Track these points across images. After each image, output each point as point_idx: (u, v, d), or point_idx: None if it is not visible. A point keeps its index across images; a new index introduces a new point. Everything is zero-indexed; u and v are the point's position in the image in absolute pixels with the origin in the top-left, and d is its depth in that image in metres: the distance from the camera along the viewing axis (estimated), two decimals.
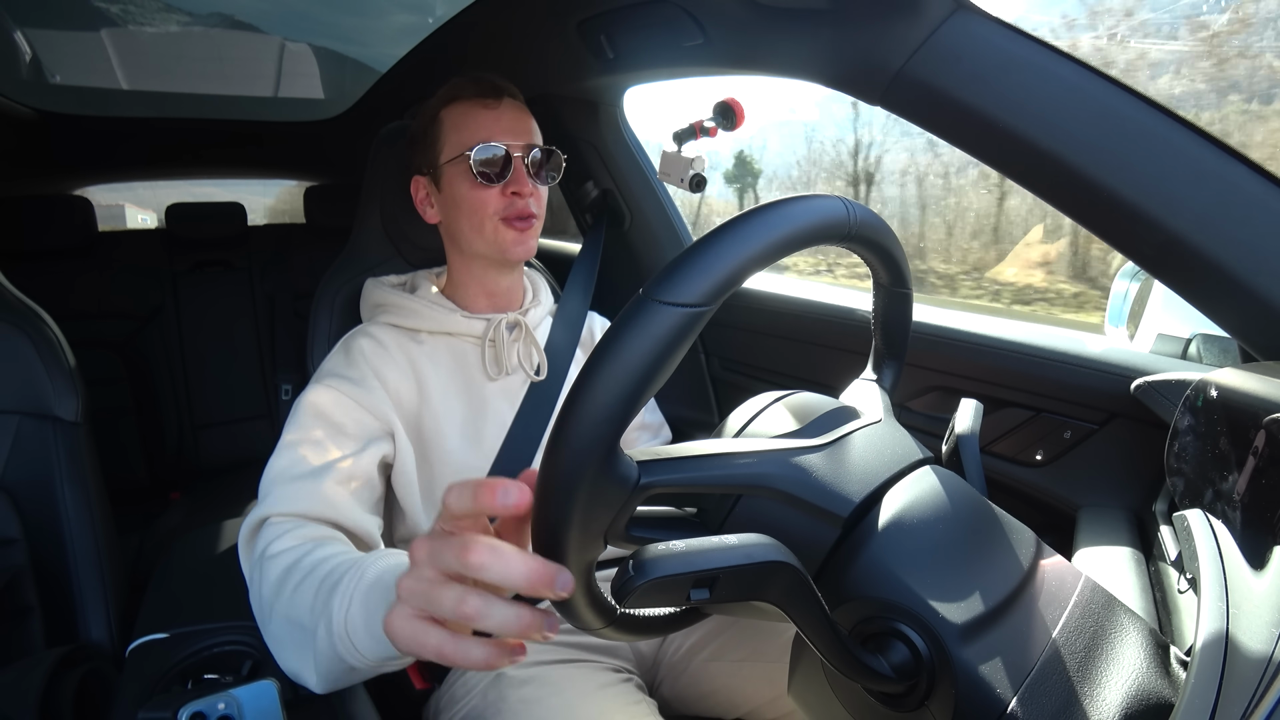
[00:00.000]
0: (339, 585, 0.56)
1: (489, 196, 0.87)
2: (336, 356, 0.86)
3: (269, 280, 2.19)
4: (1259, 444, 0.48)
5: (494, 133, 0.87)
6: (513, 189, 0.87)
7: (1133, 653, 0.42)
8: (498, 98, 0.89)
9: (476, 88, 0.89)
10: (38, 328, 0.96)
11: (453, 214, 0.90)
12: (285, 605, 0.60)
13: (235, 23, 1.65)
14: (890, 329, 0.61)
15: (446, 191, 0.90)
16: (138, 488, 1.99)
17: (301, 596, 0.59)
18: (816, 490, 0.45)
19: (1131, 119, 0.62)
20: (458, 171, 0.87)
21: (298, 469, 0.73)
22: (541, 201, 0.91)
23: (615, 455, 0.37)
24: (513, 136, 0.88)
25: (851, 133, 5.93)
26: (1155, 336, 0.88)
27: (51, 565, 0.91)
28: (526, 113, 0.91)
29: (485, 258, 0.91)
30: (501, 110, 0.89)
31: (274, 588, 0.62)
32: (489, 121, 0.87)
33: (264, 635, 0.65)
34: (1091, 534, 0.76)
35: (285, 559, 0.64)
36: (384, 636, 0.50)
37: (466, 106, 0.88)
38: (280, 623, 0.61)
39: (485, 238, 0.89)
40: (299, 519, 0.70)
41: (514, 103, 0.90)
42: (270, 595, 0.62)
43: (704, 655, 0.90)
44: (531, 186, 0.88)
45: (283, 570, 0.63)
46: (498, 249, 0.89)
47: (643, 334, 0.36)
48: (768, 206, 0.41)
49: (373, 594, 0.53)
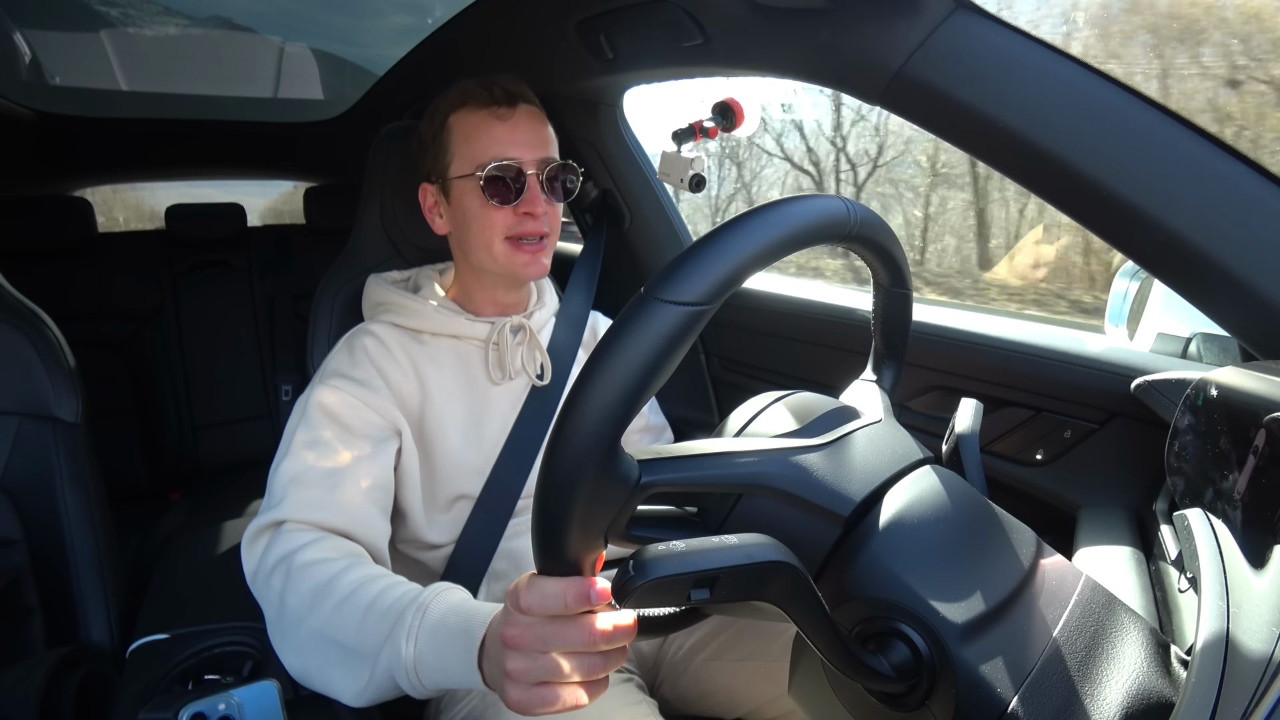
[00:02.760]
0: (401, 621, 0.60)
1: (499, 217, 0.83)
2: (340, 355, 0.86)
3: (269, 281, 2.19)
4: (1259, 443, 0.48)
5: (507, 147, 0.83)
6: (525, 209, 0.83)
7: (1133, 652, 0.42)
8: (511, 105, 0.84)
9: (489, 94, 0.84)
10: (38, 329, 0.96)
11: (462, 229, 0.87)
12: (321, 622, 0.63)
13: (234, 25, 1.65)
14: (890, 329, 0.61)
15: (456, 205, 0.87)
16: (138, 488, 1.99)
17: (346, 617, 0.62)
18: (817, 489, 0.45)
19: (1131, 118, 0.61)
20: (467, 188, 0.84)
21: (313, 473, 0.73)
22: (556, 218, 0.88)
23: (616, 453, 0.37)
24: (527, 150, 0.84)
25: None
26: (1155, 336, 0.88)
27: (52, 566, 0.91)
28: (543, 120, 0.87)
29: (495, 274, 0.89)
30: (516, 121, 0.84)
31: (305, 601, 0.64)
32: (502, 135, 0.83)
33: (279, 639, 0.66)
34: (1092, 533, 0.76)
35: (319, 572, 0.65)
36: (449, 673, 0.57)
37: (478, 116, 0.84)
38: (312, 637, 0.63)
39: (495, 258, 0.85)
40: (318, 529, 0.71)
41: (530, 110, 0.86)
42: (301, 607, 0.64)
43: (704, 655, 0.90)
44: (545, 205, 0.84)
45: (318, 584, 0.64)
46: (509, 270, 0.86)
47: (645, 332, 0.36)
48: (769, 206, 0.41)
49: (440, 635, 0.58)
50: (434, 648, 0.57)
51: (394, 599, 0.62)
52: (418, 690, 0.59)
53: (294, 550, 0.68)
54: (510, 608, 0.46)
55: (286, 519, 0.70)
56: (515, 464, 0.88)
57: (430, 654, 0.58)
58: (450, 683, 0.57)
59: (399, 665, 0.59)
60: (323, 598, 0.64)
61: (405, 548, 0.89)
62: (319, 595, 0.64)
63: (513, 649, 0.46)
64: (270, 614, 0.67)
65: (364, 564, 0.68)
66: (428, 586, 0.63)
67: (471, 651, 0.55)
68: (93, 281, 1.96)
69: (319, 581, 0.65)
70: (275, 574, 0.67)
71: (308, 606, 0.64)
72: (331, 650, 0.62)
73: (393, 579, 0.66)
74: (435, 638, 0.58)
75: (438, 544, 0.87)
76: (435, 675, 0.58)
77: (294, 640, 0.65)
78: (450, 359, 0.89)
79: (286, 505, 0.71)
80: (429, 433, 0.86)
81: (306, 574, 0.65)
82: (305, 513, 0.71)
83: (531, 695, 0.46)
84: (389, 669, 0.59)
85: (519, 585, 0.44)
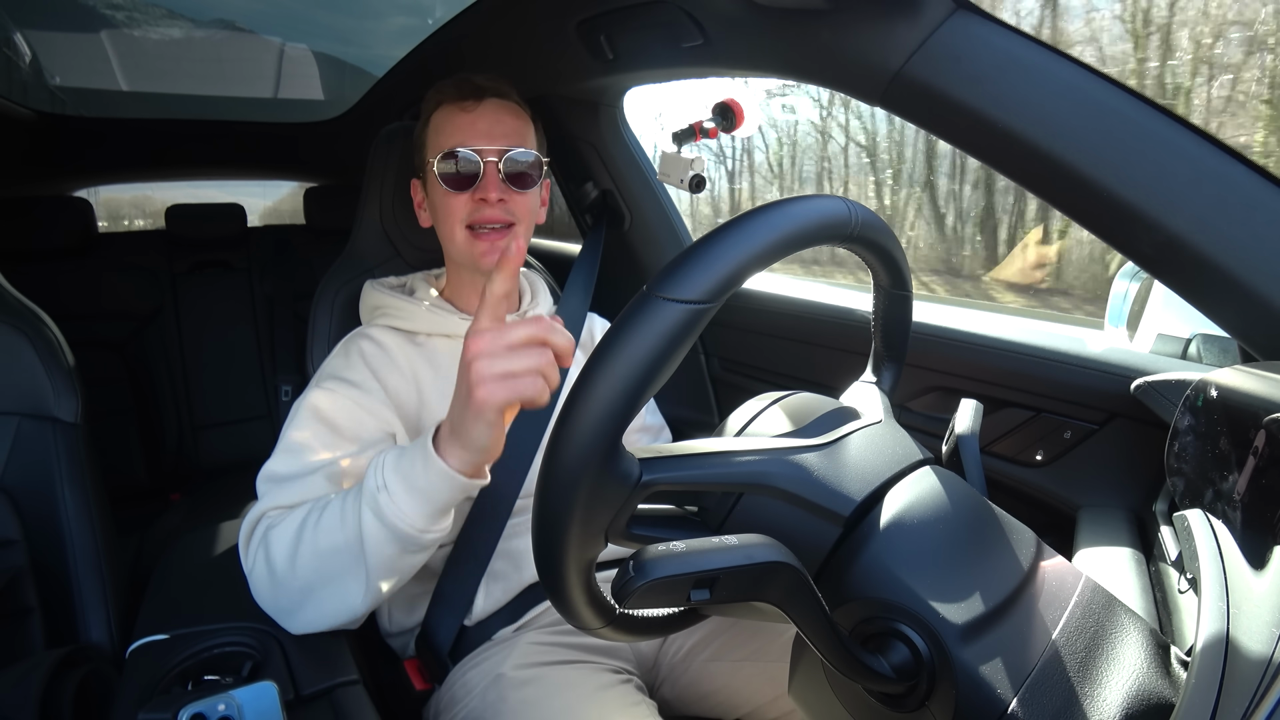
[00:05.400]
0: (366, 480, 0.65)
1: (458, 204, 0.86)
2: (336, 359, 0.87)
3: (268, 281, 2.19)
4: (1259, 444, 0.48)
5: (468, 137, 0.85)
6: (480, 195, 0.85)
7: (1133, 653, 0.42)
8: (478, 99, 0.87)
9: (457, 90, 0.88)
10: (38, 329, 0.96)
11: (436, 220, 0.91)
12: (309, 549, 0.66)
13: (235, 27, 1.65)
14: (890, 331, 0.61)
15: (430, 197, 0.91)
16: (138, 489, 1.99)
17: (326, 526, 0.66)
18: (817, 489, 0.45)
19: (1131, 119, 0.62)
20: (433, 177, 0.87)
21: (293, 468, 0.75)
22: (522, 207, 0.88)
23: (617, 452, 0.37)
24: (487, 140, 0.86)
25: None
26: (1155, 336, 0.88)
27: (51, 566, 0.90)
28: (510, 112, 0.89)
29: (467, 268, 0.91)
30: (479, 113, 0.87)
31: (288, 549, 0.67)
32: (464, 125, 0.86)
33: (281, 603, 0.69)
34: (1092, 534, 0.76)
35: (290, 522, 0.69)
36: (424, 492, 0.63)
37: (448, 110, 0.88)
38: (307, 567, 0.67)
39: (457, 246, 0.88)
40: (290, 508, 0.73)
41: (497, 103, 0.88)
42: (286, 557, 0.67)
43: (705, 655, 0.90)
44: (502, 192, 0.86)
45: (293, 528, 0.68)
46: (470, 258, 0.88)
47: (647, 329, 0.36)
48: (771, 206, 0.41)
49: (400, 463, 0.64)
50: (400, 476, 0.63)
51: (356, 487, 0.67)
52: (411, 522, 0.63)
53: (269, 528, 0.71)
54: (470, 332, 0.58)
55: (265, 510, 0.73)
56: (513, 464, 0.89)
57: (398, 483, 0.63)
58: (433, 491, 0.63)
59: (384, 515, 0.63)
60: (301, 532, 0.67)
61: None
62: (298, 536, 0.67)
63: (475, 354, 0.57)
64: (263, 589, 0.70)
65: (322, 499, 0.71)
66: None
67: (429, 450, 0.62)
68: (93, 282, 1.96)
69: (293, 526, 0.68)
70: (258, 556, 0.70)
71: (292, 547, 0.67)
72: (329, 561, 0.66)
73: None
74: (397, 468, 0.64)
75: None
76: (409, 500, 0.63)
77: (293, 587, 0.68)
78: (446, 359, 0.90)
79: (267, 499, 0.74)
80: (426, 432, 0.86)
81: (280, 531, 0.69)
82: (280, 500, 0.73)
83: (496, 386, 0.56)
84: (376, 532, 0.63)
85: (479, 317, 0.58)
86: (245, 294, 2.19)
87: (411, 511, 0.63)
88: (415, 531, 0.64)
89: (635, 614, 0.46)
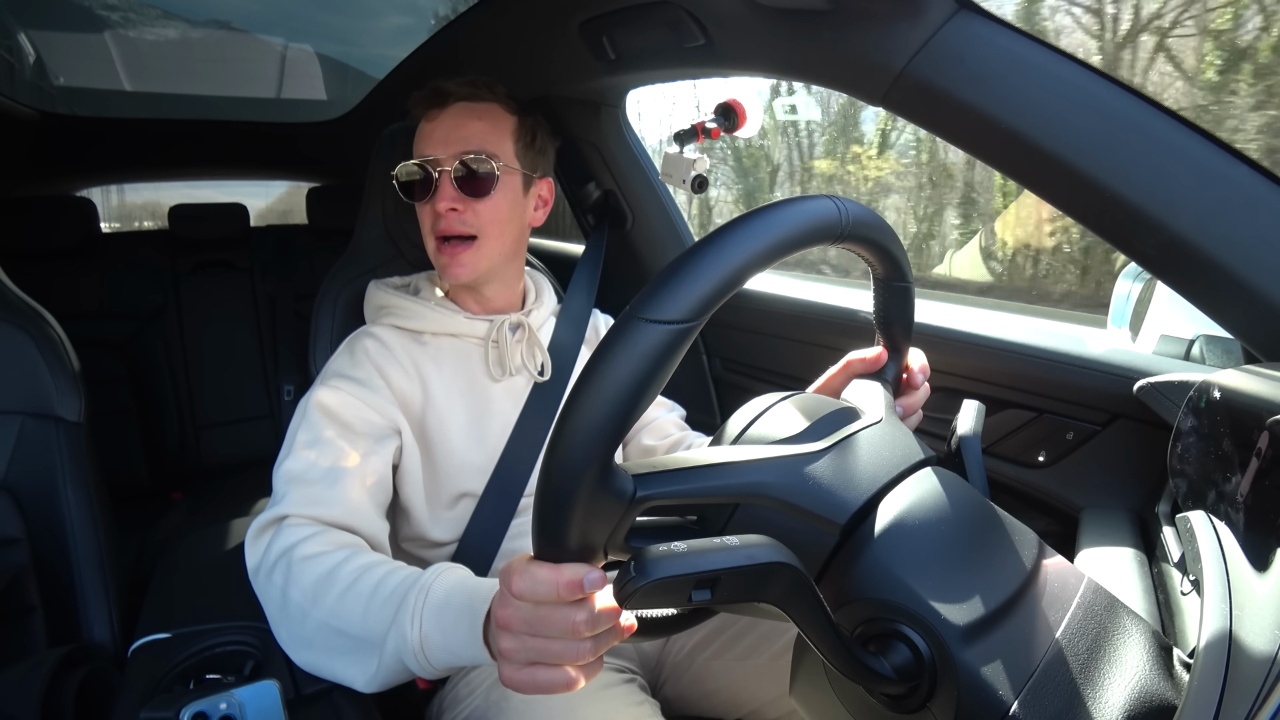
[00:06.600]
0: (405, 604, 0.60)
1: (424, 214, 0.87)
2: (341, 357, 0.87)
3: (271, 281, 2.19)
4: (1262, 445, 0.48)
5: (425, 146, 0.85)
6: (435, 205, 0.84)
7: (1135, 655, 0.42)
8: (441, 106, 0.86)
9: (425, 99, 0.87)
10: (40, 328, 0.96)
11: None
12: (326, 613, 0.63)
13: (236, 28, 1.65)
14: (893, 324, 0.61)
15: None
16: (140, 488, 1.99)
17: (349, 607, 0.63)
18: (813, 497, 0.45)
19: (1134, 119, 0.61)
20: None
21: (314, 470, 0.75)
22: (483, 217, 0.85)
23: (610, 470, 0.38)
24: (443, 147, 0.84)
25: None
26: (1158, 337, 0.87)
27: (54, 565, 0.91)
28: (476, 115, 0.86)
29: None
30: (440, 119, 0.86)
31: (309, 593, 0.65)
32: (425, 133, 0.86)
33: (285, 634, 0.67)
34: (1094, 535, 0.76)
35: (320, 564, 0.66)
36: (456, 651, 0.57)
37: (421, 122, 0.88)
38: (318, 629, 0.64)
39: (432, 256, 0.89)
40: (319, 523, 0.71)
41: (462, 107, 0.86)
42: (304, 600, 0.65)
43: (707, 654, 0.90)
44: (455, 201, 0.84)
45: (320, 576, 0.65)
46: (441, 269, 0.88)
47: (630, 353, 0.36)
48: (753, 215, 0.41)
49: (444, 614, 0.59)
50: (439, 628, 0.58)
51: (396, 583, 0.63)
52: (427, 671, 0.60)
53: (295, 544, 0.68)
54: (503, 589, 0.45)
55: (288, 514, 0.71)
56: (519, 461, 0.89)
57: (435, 634, 0.58)
58: (458, 660, 0.58)
59: (406, 648, 0.59)
60: (325, 589, 0.64)
61: (409, 545, 0.89)
62: (322, 587, 0.64)
63: (503, 629, 0.46)
64: (273, 610, 0.68)
65: (364, 553, 0.69)
66: (428, 568, 0.64)
67: (476, 628, 0.56)
68: (95, 281, 1.97)
69: (321, 573, 0.65)
70: (277, 569, 0.68)
71: (311, 599, 0.64)
72: (338, 640, 0.63)
73: (394, 565, 0.66)
74: (439, 618, 0.59)
75: (441, 542, 0.88)
76: (442, 654, 0.58)
77: (300, 633, 0.65)
78: (451, 358, 0.90)
79: (288, 501, 0.72)
80: (431, 431, 0.86)
81: (308, 567, 0.66)
82: (306, 508, 0.72)
83: (523, 675, 0.46)
84: (397, 653, 0.60)
85: (513, 566, 0.44)
86: (247, 294, 2.20)
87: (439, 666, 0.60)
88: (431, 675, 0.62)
89: (637, 614, 0.46)
